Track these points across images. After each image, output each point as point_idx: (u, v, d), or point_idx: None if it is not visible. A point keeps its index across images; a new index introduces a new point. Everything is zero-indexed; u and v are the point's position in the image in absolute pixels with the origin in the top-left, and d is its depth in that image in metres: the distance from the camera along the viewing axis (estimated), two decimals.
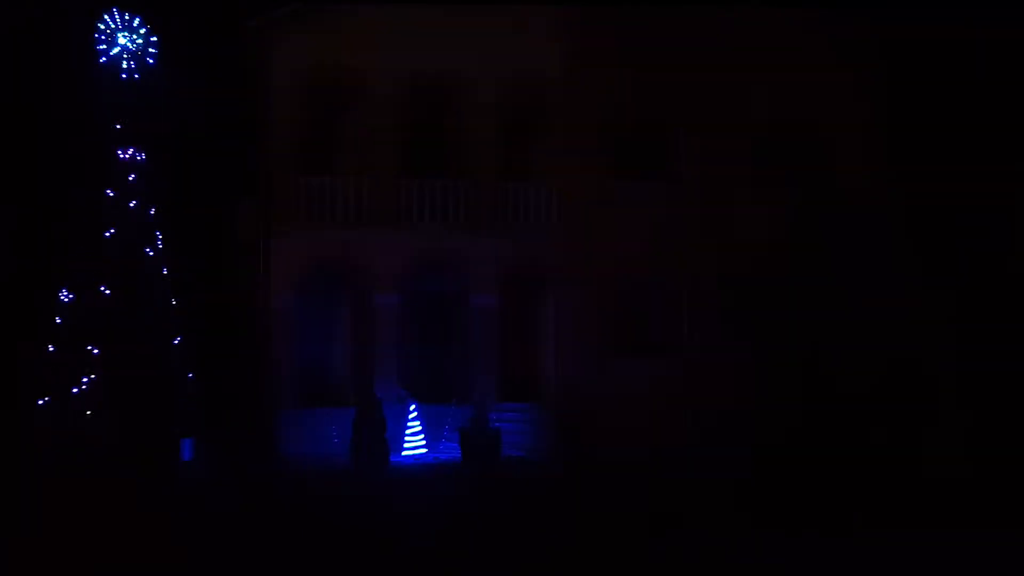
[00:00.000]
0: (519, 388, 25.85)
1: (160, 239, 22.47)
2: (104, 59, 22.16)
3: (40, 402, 21.09)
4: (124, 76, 22.27)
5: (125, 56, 22.26)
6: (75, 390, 20.92)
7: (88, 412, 20.71)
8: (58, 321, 21.46)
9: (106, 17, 22.25)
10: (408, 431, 23.00)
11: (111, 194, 21.93)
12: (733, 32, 25.74)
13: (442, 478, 20.01)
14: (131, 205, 22.04)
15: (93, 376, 20.96)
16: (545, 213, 25.34)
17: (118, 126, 22.20)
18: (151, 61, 22.53)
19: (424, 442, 22.92)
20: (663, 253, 25.07)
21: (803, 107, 25.78)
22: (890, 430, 21.65)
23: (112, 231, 21.79)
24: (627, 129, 25.51)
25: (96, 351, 21.10)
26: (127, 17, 22.37)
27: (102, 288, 21.45)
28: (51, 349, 21.35)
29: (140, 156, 22.45)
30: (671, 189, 25.45)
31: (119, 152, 22.16)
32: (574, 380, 24.45)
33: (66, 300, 21.57)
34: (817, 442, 20.77)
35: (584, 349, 24.84)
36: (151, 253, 22.10)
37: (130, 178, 22.15)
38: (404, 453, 22.55)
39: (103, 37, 22.16)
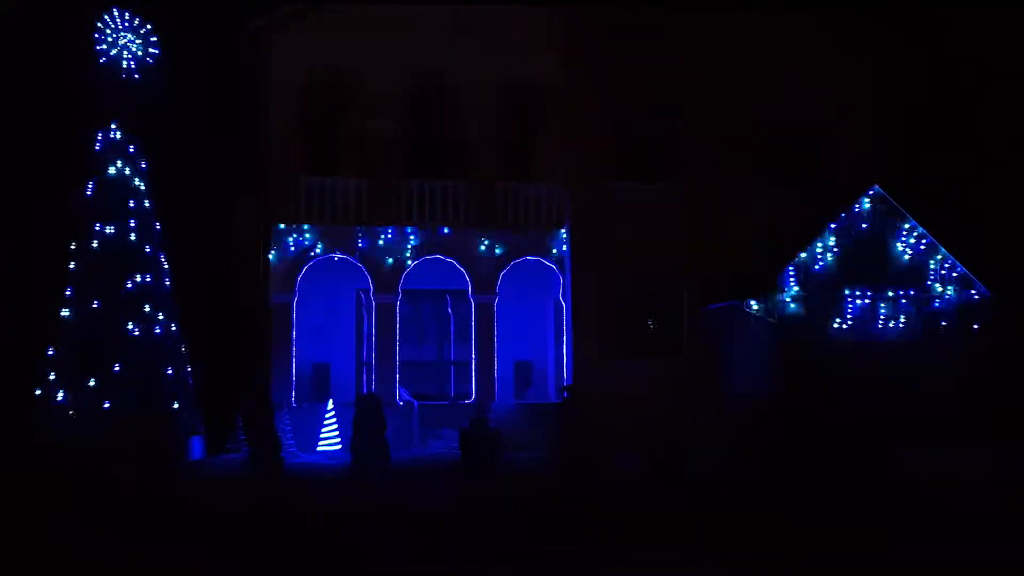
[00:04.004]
0: (520, 388, 25.92)
1: (160, 238, 22.45)
2: (104, 59, 22.13)
3: (40, 402, 21.06)
4: (124, 76, 22.25)
5: (125, 56, 22.24)
6: (76, 389, 20.88)
7: (89, 412, 20.67)
8: (58, 321, 21.42)
9: (106, 17, 22.22)
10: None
11: (110, 194, 21.90)
12: (734, 32, 25.77)
13: (442, 479, 20.00)
14: (130, 205, 22.02)
15: (94, 375, 20.93)
16: (546, 213, 25.38)
17: (118, 125, 22.18)
18: (151, 61, 22.51)
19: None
20: (664, 253, 25.08)
21: (804, 107, 25.79)
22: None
23: (112, 231, 21.76)
24: (628, 129, 25.52)
25: (96, 350, 21.06)
26: (127, 17, 22.34)
27: (101, 287, 21.42)
28: (51, 348, 21.32)
29: (139, 156, 22.43)
30: (672, 189, 25.46)
31: (119, 152, 22.13)
32: (575, 380, 24.45)
33: (66, 299, 21.53)
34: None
35: (585, 349, 24.84)
36: (150, 252, 22.08)
37: (129, 178, 22.13)
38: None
39: (103, 37, 22.13)
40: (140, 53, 22.36)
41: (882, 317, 23.78)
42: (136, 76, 22.34)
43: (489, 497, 17.55)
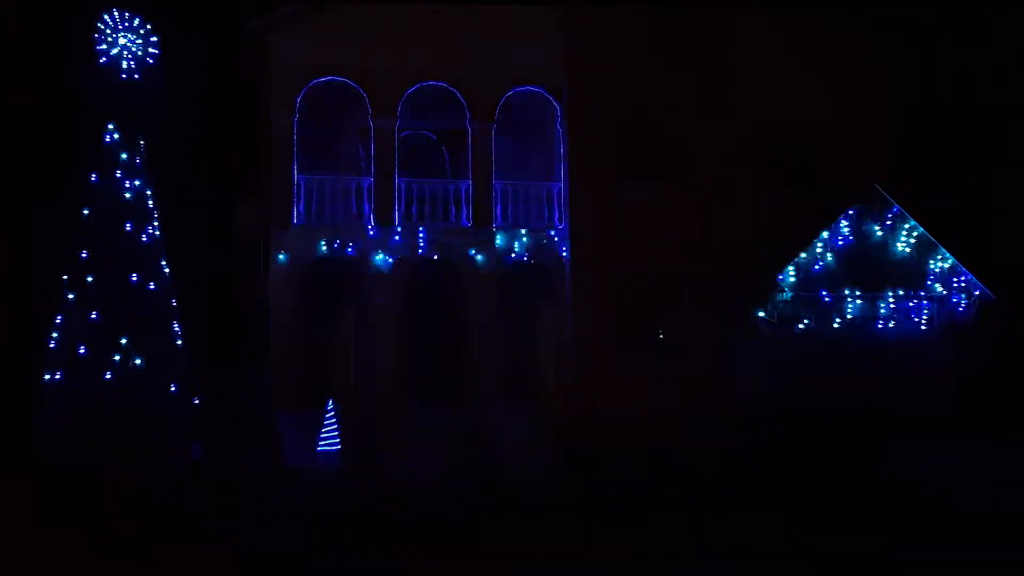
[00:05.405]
0: (520, 389, 25.82)
1: (159, 238, 22.42)
2: (104, 59, 22.10)
3: (40, 402, 21.05)
4: (124, 76, 22.22)
5: (125, 56, 22.21)
6: (75, 390, 20.86)
7: (89, 413, 20.65)
8: (58, 322, 21.41)
9: (106, 17, 22.18)
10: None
11: (110, 194, 21.87)
12: (734, 32, 25.74)
13: (441, 480, 20.01)
14: (130, 205, 21.99)
15: (93, 376, 20.92)
16: (547, 213, 25.36)
17: (117, 126, 22.15)
18: (151, 61, 22.48)
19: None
20: (665, 253, 25.06)
21: (804, 108, 25.77)
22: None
23: (110, 230, 21.74)
24: (629, 129, 25.51)
25: (96, 351, 21.05)
26: (127, 17, 22.31)
27: (101, 288, 21.40)
28: (50, 349, 21.29)
29: (139, 156, 22.40)
30: (672, 189, 25.44)
31: (118, 152, 22.11)
32: (576, 380, 24.43)
33: (65, 300, 21.50)
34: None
35: (586, 349, 24.82)
36: (150, 252, 22.05)
37: (129, 178, 22.11)
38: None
39: (103, 37, 22.10)
40: (140, 53, 22.30)
41: (882, 317, 23.77)
42: (136, 76, 22.28)
43: (487, 497, 17.56)
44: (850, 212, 24.00)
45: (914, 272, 24.08)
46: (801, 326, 23.65)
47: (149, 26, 22.43)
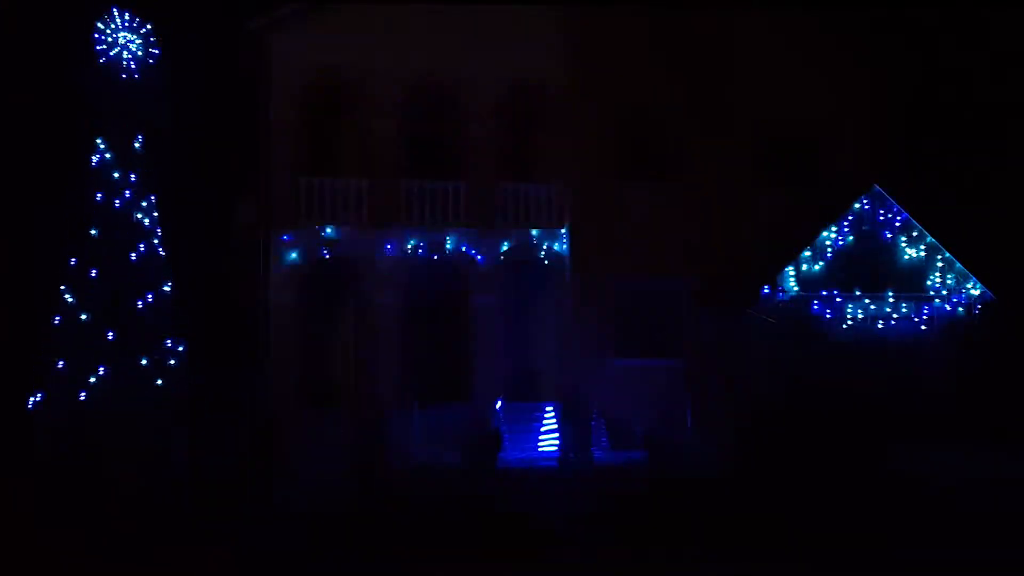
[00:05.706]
0: (519, 389, 25.83)
1: (160, 239, 22.43)
2: (104, 59, 22.11)
3: (40, 402, 21.05)
4: (124, 76, 22.23)
5: (125, 56, 22.22)
6: (75, 391, 20.87)
7: (89, 414, 20.66)
8: (58, 321, 21.42)
9: (106, 17, 22.20)
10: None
11: (111, 194, 21.88)
12: (734, 33, 25.75)
13: (443, 480, 20.02)
14: (130, 206, 22.00)
15: (93, 377, 20.92)
16: (546, 214, 25.31)
17: (117, 126, 22.15)
18: (151, 61, 22.49)
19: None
20: (665, 253, 25.06)
21: (804, 107, 25.76)
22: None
23: (111, 231, 21.75)
24: (629, 129, 25.51)
25: (96, 352, 21.05)
26: (127, 17, 22.33)
27: (102, 289, 21.41)
28: (50, 349, 21.30)
29: (139, 156, 22.40)
30: (672, 189, 25.45)
31: (118, 152, 22.11)
32: (575, 381, 24.40)
33: (66, 300, 21.52)
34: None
35: (585, 350, 24.82)
36: (150, 252, 22.06)
37: (129, 178, 22.11)
38: None
39: (103, 37, 22.11)
40: (140, 53, 22.33)
41: (882, 317, 23.77)
42: (136, 76, 22.31)
43: (488, 496, 17.57)
44: (850, 213, 23.98)
45: (914, 272, 24.06)
46: (802, 326, 23.62)
47: (149, 26, 22.46)
